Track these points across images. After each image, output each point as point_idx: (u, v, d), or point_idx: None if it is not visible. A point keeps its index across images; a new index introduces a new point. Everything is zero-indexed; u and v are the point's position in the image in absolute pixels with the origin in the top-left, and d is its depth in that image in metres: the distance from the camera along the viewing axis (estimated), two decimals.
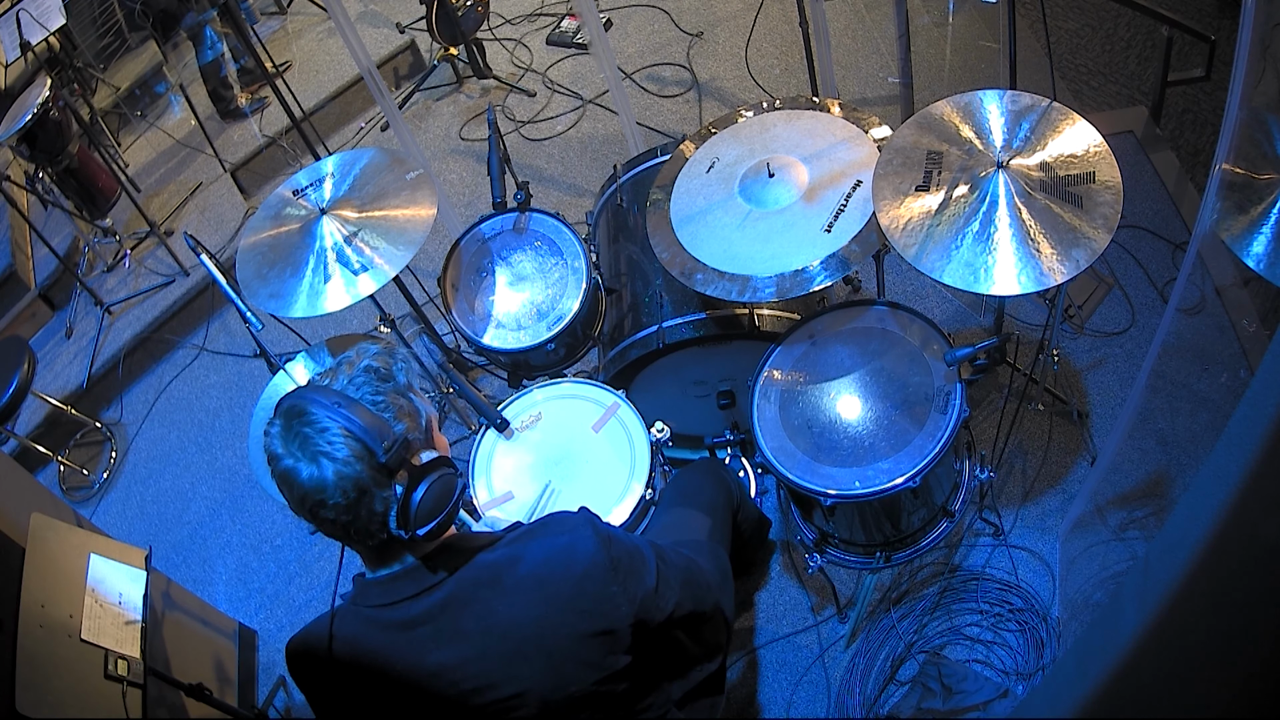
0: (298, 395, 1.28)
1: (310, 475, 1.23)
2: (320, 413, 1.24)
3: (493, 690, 1.36)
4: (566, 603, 1.37)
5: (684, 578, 1.57)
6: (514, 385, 2.49)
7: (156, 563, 2.41)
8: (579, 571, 1.38)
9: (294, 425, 1.25)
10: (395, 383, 1.33)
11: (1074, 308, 2.86)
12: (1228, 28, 3.09)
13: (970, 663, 2.34)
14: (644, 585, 1.44)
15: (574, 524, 1.43)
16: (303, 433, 1.24)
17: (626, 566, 1.42)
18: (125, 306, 4.05)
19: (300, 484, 1.24)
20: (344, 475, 1.23)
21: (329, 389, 1.29)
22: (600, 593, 1.38)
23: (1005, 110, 2.01)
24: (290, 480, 1.24)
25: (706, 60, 4.14)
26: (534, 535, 1.42)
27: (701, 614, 1.63)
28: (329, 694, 1.43)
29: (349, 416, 1.24)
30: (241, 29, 3.48)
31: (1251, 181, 1.66)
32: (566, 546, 1.39)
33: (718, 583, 1.76)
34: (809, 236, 2.12)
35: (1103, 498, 2.31)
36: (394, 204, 2.35)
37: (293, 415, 1.26)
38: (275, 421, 1.28)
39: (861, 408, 2.04)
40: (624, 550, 1.43)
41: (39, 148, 3.70)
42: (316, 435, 1.23)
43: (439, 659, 1.35)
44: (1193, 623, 1.00)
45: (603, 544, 1.40)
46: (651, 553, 1.50)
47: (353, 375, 1.31)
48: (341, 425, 1.23)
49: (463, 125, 4.30)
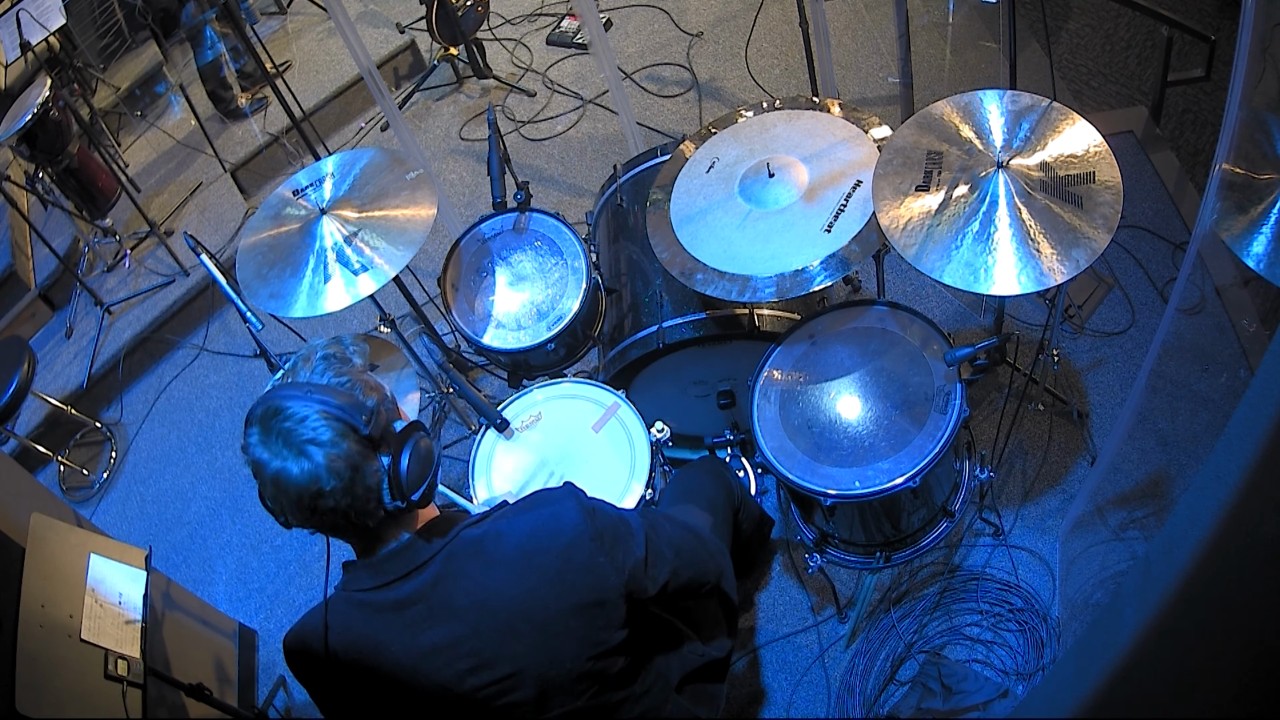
0: (266, 398, 1.29)
1: (302, 469, 1.24)
2: (295, 404, 1.26)
3: (488, 669, 1.37)
4: (554, 575, 1.38)
5: (677, 547, 1.58)
6: (514, 385, 2.49)
7: (156, 563, 2.41)
8: (564, 542, 1.39)
9: (272, 425, 1.26)
10: (353, 364, 1.37)
11: (1074, 308, 2.86)
12: (1228, 28, 3.09)
13: (970, 663, 2.34)
14: (632, 555, 1.45)
15: (557, 496, 1.44)
16: (283, 428, 1.25)
17: (612, 536, 1.43)
18: (125, 306, 4.05)
19: (293, 482, 1.24)
20: (334, 457, 1.24)
21: (295, 383, 1.31)
22: (588, 563, 1.39)
23: (1005, 110, 2.01)
24: (282, 482, 1.25)
25: (706, 60, 4.14)
26: (519, 509, 1.44)
27: (701, 584, 1.63)
28: (330, 685, 1.43)
29: (324, 399, 1.26)
30: (241, 29, 3.48)
31: (1251, 181, 1.66)
32: (550, 517, 1.41)
33: (717, 550, 1.76)
34: (809, 236, 2.12)
35: (1103, 498, 2.31)
36: (394, 204, 2.35)
37: (269, 416, 1.26)
38: (252, 430, 1.28)
39: (861, 408, 2.04)
40: (609, 521, 1.45)
41: (39, 148, 3.70)
42: (297, 426, 1.24)
43: (432, 638, 1.36)
44: (1193, 623, 1.00)
45: (586, 515, 1.41)
46: (640, 523, 1.51)
47: (313, 366, 1.34)
48: (319, 409, 1.25)
49: (463, 125, 4.30)
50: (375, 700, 1.41)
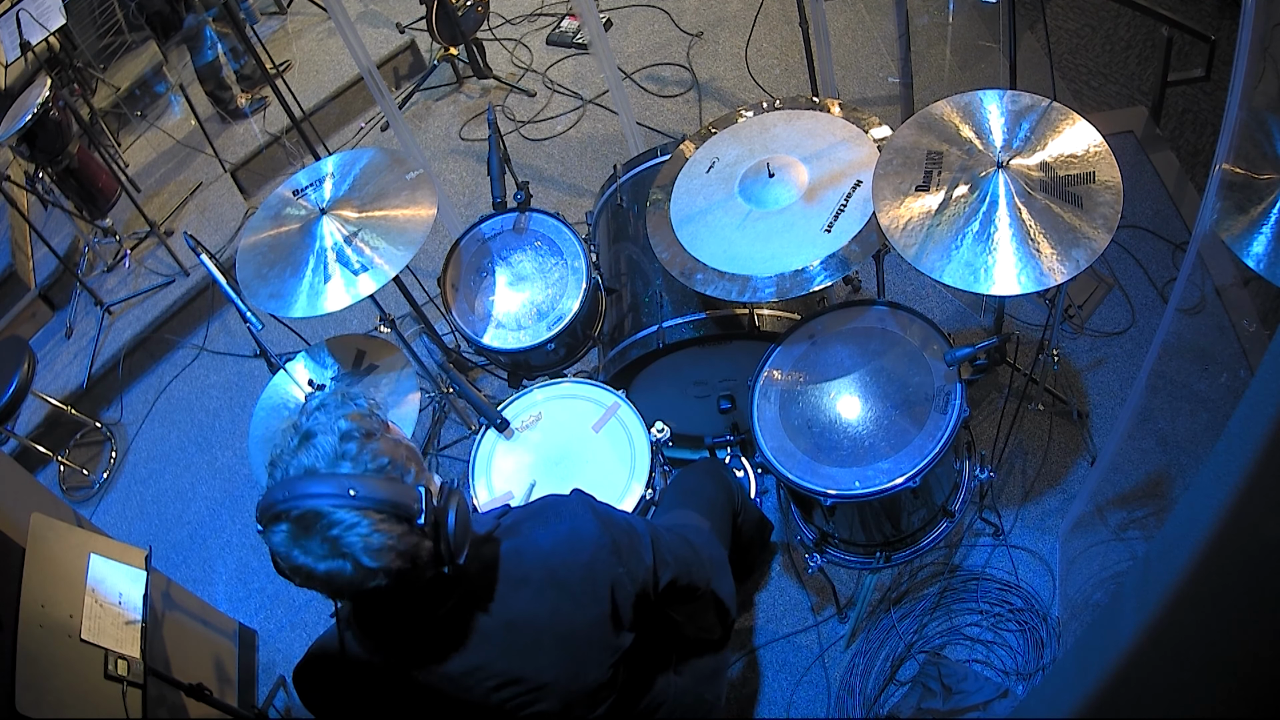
0: (300, 496, 1.14)
1: (354, 569, 1.15)
2: (341, 513, 1.14)
3: (515, 685, 1.36)
4: (578, 590, 1.37)
5: (676, 553, 1.58)
6: (514, 385, 2.49)
7: (156, 563, 2.41)
8: (586, 558, 1.38)
9: (314, 530, 1.14)
10: (377, 432, 1.24)
11: (1074, 308, 2.86)
12: (1228, 28, 3.09)
13: (970, 663, 2.34)
14: (643, 564, 1.45)
15: (572, 509, 1.42)
16: (330, 535, 1.14)
17: (627, 546, 1.42)
18: (125, 306, 4.05)
19: (348, 579, 1.16)
20: (390, 557, 1.16)
21: (326, 475, 1.17)
22: (608, 576, 1.39)
23: (1005, 110, 2.01)
24: (335, 580, 1.16)
25: (706, 60, 4.14)
26: (534, 522, 1.42)
27: (694, 589, 1.63)
28: (346, 714, 1.41)
29: (372, 499, 1.15)
30: (241, 29, 3.48)
31: (1251, 181, 1.66)
32: (570, 533, 1.39)
33: (710, 563, 1.76)
34: (809, 236, 2.12)
35: (1103, 498, 2.31)
36: (394, 204, 2.35)
37: (309, 521, 1.14)
38: (279, 529, 1.15)
39: (861, 408, 2.04)
40: (622, 530, 1.44)
41: (39, 148, 3.70)
42: (347, 534, 1.14)
43: (461, 664, 1.34)
44: (1193, 623, 1.00)
45: (604, 527, 1.40)
46: (645, 529, 1.51)
47: (337, 446, 1.19)
48: (369, 511, 1.15)
49: (463, 125, 4.30)
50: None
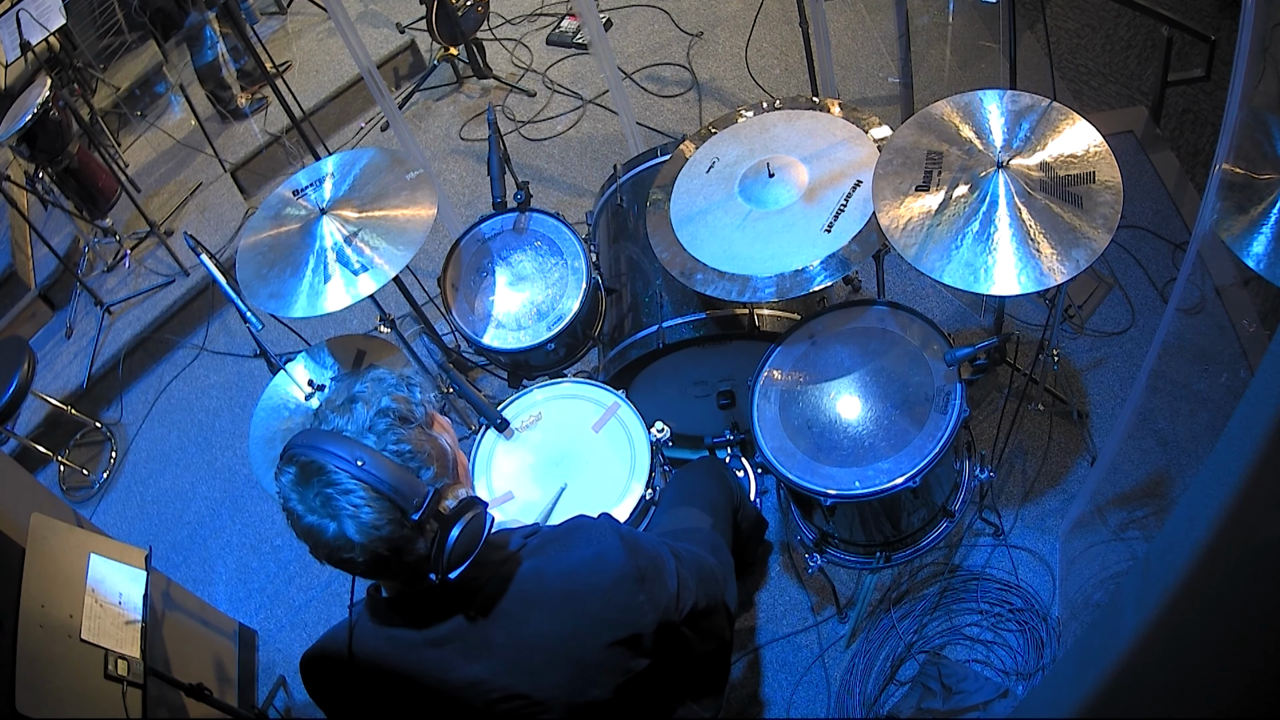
0: (314, 448, 1.19)
1: (335, 532, 1.17)
2: (342, 475, 1.17)
3: (519, 699, 1.36)
4: (596, 614, 1.36)
5: (698, 575, 1.57)
6: (514, 385, 2.49)
7: (156, 563, 2.41)
8: (608, 583, 1.36)
9: (314, 482, 1.17)
10: (417, 421, 1.26)
11: (1074, 308, 2.86)
12: (1228, 28, 3.09)
13: (970, 663, 2.34)
14: (667, 591, 1.43)
15: (600, 533, 1.41)
16: (325, 493, 1.17)
17: (652, 575, 1.41)
18: (125, 306, 4.05)
19: (326, 541, 1.18)
20: (374, 538, 1.18)
21: (347, 439, 1.20)
22: (628, 602, 1.38)
23: (1005, 110, 2.01)
24: (315, 536, 1.19)
25: (706, 60, 4.14)
26: (560, 545, 1.40)
27: (711, 608, 1.63)
28: (348, 708, 1.41)
29: (375, 475, 1.17)
30: (241, 29, 3.48)
31: (1251, 181, 1.66)
32: (595, 558, 1.38)
33: (723, 575, 1.76)
34: (809, 236, 2.12)
35: (1103, 498, 2.31)
36: (394, 204, 2.35)
37: (311, 471, 1.18)
38: (289, 469, 1.20)
39: (861, 408, 2.04)
40: (648, 558, 1.42)
41: (39, 148, 3.70)
42: (340, 497, 1.17)
43: (467, 674, 1.33)
44: (1193, 623, 1.00)
45: (630, 554, 1.38)
46: (670, 554, 1.50)
47: (371, 419, 1.22)
48: (367, 485, 1.17)
49: (463, 125, 4.30)
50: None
